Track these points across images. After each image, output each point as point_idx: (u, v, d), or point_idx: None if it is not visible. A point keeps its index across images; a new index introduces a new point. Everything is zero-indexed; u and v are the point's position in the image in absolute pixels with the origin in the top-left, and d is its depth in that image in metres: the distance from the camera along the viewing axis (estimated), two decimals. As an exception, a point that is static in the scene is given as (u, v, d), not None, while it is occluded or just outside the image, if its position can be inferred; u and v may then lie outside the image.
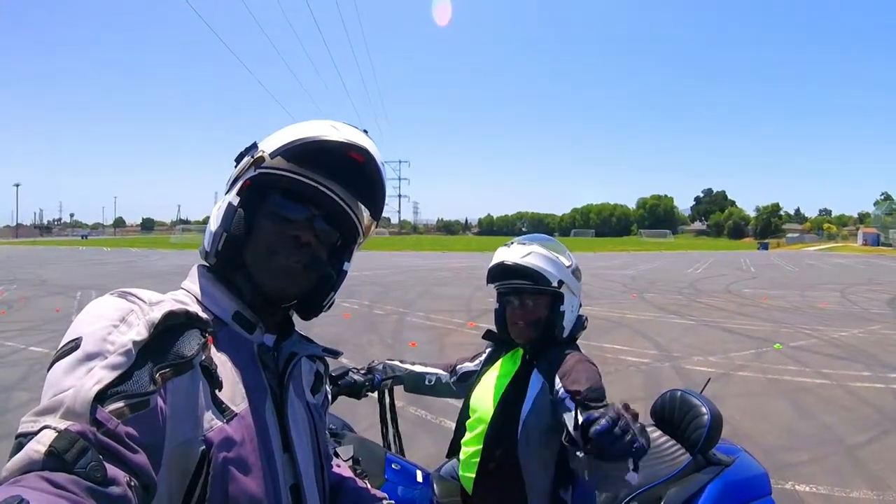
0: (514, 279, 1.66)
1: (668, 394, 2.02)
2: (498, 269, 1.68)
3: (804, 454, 3.96)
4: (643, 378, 5.93)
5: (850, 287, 16.78)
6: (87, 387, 0.57)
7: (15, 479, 0.50)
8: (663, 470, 1.73)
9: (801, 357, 6.97)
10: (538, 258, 1.62)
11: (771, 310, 11.47)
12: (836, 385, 5.74)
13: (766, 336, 8.34)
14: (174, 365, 0.67)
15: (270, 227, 0.82)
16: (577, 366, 1.51)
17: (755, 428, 4.43)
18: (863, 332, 8.92)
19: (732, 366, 6.49)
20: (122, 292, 0.72)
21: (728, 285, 16.96)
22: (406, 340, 7.69)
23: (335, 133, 0.82)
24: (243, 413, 0.75)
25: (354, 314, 9.84)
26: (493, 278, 1.73)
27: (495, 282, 1.74)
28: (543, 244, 1.67)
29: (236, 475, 0.70)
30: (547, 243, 1.69)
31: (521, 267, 1.61)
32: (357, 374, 1.87)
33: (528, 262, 1.61)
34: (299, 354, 0.88)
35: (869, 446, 4.12)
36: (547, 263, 1.62)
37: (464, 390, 1.87)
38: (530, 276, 1.61)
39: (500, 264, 1.66)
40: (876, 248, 62.74)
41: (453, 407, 4.43)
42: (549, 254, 1.64)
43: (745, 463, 1.87)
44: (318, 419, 0.93)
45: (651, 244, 72.41)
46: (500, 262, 1.66)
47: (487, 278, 1.75)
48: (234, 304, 0.82)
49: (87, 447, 0.54)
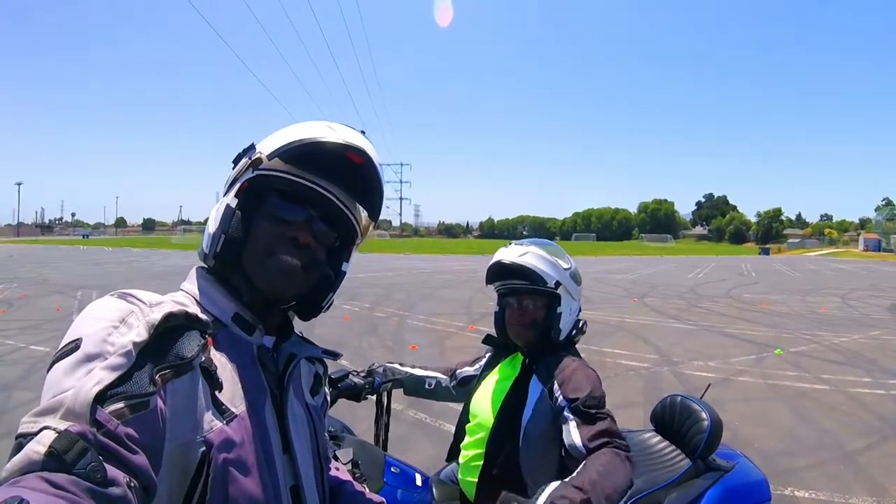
0: (511, 279, 1.68)
1: (668, 399, 2.01)
2: (496, 268, 1.70)
3: (804, 460, 3.94)
4: (643, 383, 5.91)
5: (850, 292, 16.75)
6: (87, 388, 0.57)
7: (15, 479, 0.51)
8: (663, 475, 1.72)
9: (802, 362, 6.95)
10: (535, 258, 1.64)
11: (772, 315, 11.45)
12: (837, 391, 5.72)
13: (766, 341, 8.31)
14: (174, 366, 0.67)
15: (268, 229, 0.82)
16: (576, 373, 1.52)
17: (755, 433, 4.41)
18: (863, 337, 8.90)
19: (733, 371, 6.47)
20: (121, 293, 0.72)
21: (729, 290, 16.93)
22: (406, 343, 7.68)
23: (332, 134, 0.82)
24: (243, 414, 0.75)
25: (355, 317, 9.83)
26: (492, 278, 1.76)
27: (493, 281, 1.77)
28: (542, 246, 1.69)
29: (236, 476, 0.70)
30: (545, 246, 1.70)
31: (519, 266, 1.63)
32: (357, 377, 1.87)
33: (525, 261, 1.63)
34: (299, 356, 0.88)
35: (869, 452, 4.10)
36: (544, 264, 1.63)
37: (463, 394, 1.87)
38: (527, 275, 1.63)
39: (497, 263, 1.69)
40: (877, 254, 62.62)
41: (452, 410, 4.42)
42: (546, 255, 1.65)
43: (744, 469, 1.86)
44: (318, 421, 0.93)
45: (652, 249, 72.26)
46: (498, 261, 1.68)
47: (486, 278, 1.77)
48: (233, 306, 0.82)
49: (87, 448, 0.54)
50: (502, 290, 1.75)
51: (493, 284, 1.78)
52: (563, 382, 1.51)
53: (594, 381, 1.50)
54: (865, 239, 79.17)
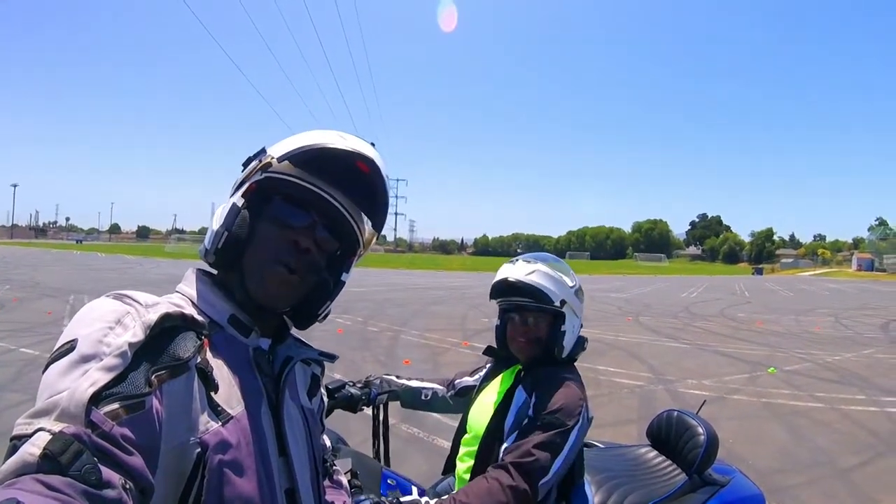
0: (516, 296, 1.66)
1: (664, 414, 2.01)
2: (501, 285, 1.67)
3: (799, 477, 3.94)
4: (637, 401, 5.89)
5: (844, 312, 16.86)
6: (83, 389, 0.57)
7: (10, 481, 0.50)
8: (659, 489, 1.71)
9: (796, 381, 6.96)
10: (542, 277, 1.62)
11: (765, 334, 11.48)
12: (831, 408, 5.73)
13: (760, 360, 8.33)
14: (170, 367, 0.67)
15: (271, 231, 0.82)
16: (558, 389, 1.50)
17: (750, 450, 4.40)
18: (856, 356, 8.94)
19: (727, 389, 6.46)
20: (117, 294, 0.72)
21: (722, 309, 16.99)
22: (400, 358, 7.64)
23: (343, 142, 0.83)
24: (239, 416, 0.74)
25: (348, 330, 9.78)
26: (496, 294, 1.73)
27: (498, 298, 1.74)
28: (548, 263, 1.67)
29: (231, 478, 0.70)
30: (552, 263, 1.69)
31: (525, 284, 1.61)
32: (354, 388, 1.86)
33: (532, 280, 1.61)
34: (295, 358, 0.88)
35: (862, 469, 4.11)
36: (550, 282, 1.62)
37: (461, 405, 1.85)
38: (533, 293, 1.60)
39: (503, 280, 1.66)
40: (870, 273, 63.20)
41: (445, 425, 4.42)
42: (553, 273, 1.64)
43: (740, 483, 1.86)
44: (314, 424, 0.93)
45: (646, 268, 72.66)
46: (504, 279, 1.66)
47: (490, 294, 1.75)
48: (229, 308, 0.82)
49: (82, 450, 0.54)
50: (506, 306, 1.73)
51: (497, 300, 1.76)
52: (541, 395, 1.50)
53: (570, 400, 1.47)
54: (858, 259, 79.90)
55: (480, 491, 1.30)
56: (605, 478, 1.74)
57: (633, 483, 1.74)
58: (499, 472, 1.35)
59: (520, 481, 1.32)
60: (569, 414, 1.44)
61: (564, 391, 1.49)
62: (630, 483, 1.73)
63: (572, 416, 1.44)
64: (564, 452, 1.40)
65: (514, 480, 1.32)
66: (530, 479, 1.33)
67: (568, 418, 1.43)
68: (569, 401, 1.47)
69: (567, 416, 1.43)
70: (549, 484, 1.37)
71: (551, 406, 1.45)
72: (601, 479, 1.73)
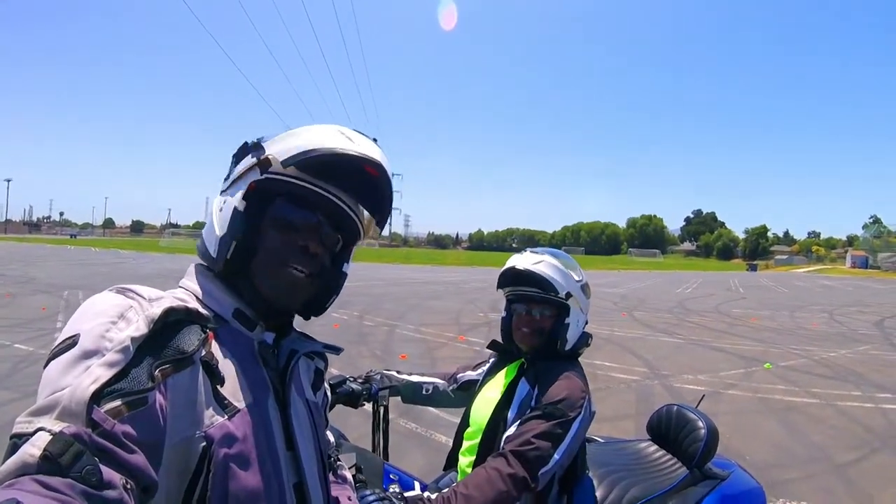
0: (523, 285, 1.68)
1: (664, 408, 2.01)
2: (509, 274, 1.70)
3: (795, 472, 3.96)
4: (633, 395, 5.91)
5: (838, 309, 16.95)
6: (84, 386, 0.57)
7: (9, 482, 0.50)
8: (660, 483, 1.72)
9: (791, 376, 7.00)
10: (549, 267, 1.64)
11: (760, 330, 11.54)
12: (826, 404, 5.77)
13: (755, 356, 8.38)
14: (174, 361, 0.66)
15: (277, 237, 0.81)
16: (560, 381, 1.51)
17: (745, 446, 4.42)
18: (851, 352, 9.00)
19: (722, 384, 6.49)
20: (120, 288, 0.71)
21: (717, 305, 17.06)
22: (396, 353, 7.63)
23: (351, 145, 0.81)
24: (246, 409, 0.73)
25: (344, 325, 9.76)
26: (504, 283, 1.75)
27: (505, 287, 1.76)
28: (556, 257, 1.69)
29: (237, 472, 0.69)
30: (559, 257, 1.70)
31: (532, 273, 1.63)
32: (354, 383, 1.86)
33: (539, 269, 1.63)
34: (300, 352, 0.87)
35: (858, 464, 4.14)
36: (557, 273, 1.63)
37: (463, 399, 1.85)
38: (540, 283, 1.62)
39: (511, 269, 1.68)
40: (865, 271, 63.58)
41: (444, 420, 4.40)
42: (560, 265, 1.65)
43: (740, 477, 1.87)
44: (319, 418, 0.92)
45: (641, 263, 72.84)
46: (512, 267, 1.68)
47: (498, 283, 1.77)
48: (233, 302, 0.81)
49: (83, 450, 0.53)
50: (512, 296, 1.75)
51: (504, 290, 1.78)
52: (544, 386, 1.51)
53: (572, 392, 1.48)
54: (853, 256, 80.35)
55: (480, 480, 1.30)
56: (607, 472, 1.74)
57: (634, 477, 1.74)
58: (498, 461, 1.35)
59: (519, 469, 1.33)
60: (571, 405, 1.45)
61: (567, 383, 1.50)
62: (631, 477, 1.73)
63: (574, 407, 1.45)
64: (566, 443, 1.41)
65: (512, 468, 1.33)
66: (529, 468, 1.34)
67: (570, 409, 1.44)
68: (571, 392, 1.47)
69: (569, 408, 1.44)
70: (549, 473, 1.38)
71: (554, 397, 1.46)
72: (602, 473, 1.73)
